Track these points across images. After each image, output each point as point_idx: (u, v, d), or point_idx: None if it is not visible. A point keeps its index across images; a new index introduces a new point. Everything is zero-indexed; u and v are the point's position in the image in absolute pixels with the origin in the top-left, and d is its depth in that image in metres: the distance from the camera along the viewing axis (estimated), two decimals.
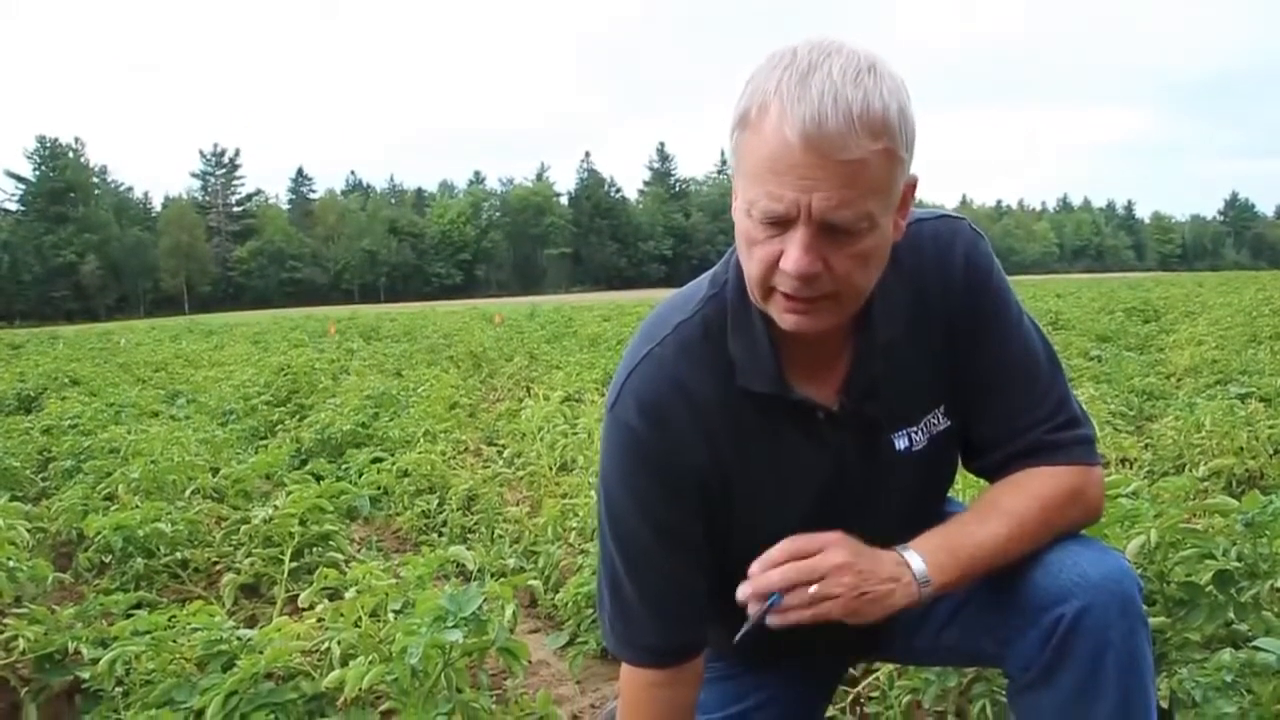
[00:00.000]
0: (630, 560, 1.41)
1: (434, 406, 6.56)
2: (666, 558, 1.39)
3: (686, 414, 1.34)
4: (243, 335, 19.69)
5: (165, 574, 3.39)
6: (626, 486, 1.38)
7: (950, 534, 1.32)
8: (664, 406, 1.34)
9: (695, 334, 1.37)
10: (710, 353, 1.36)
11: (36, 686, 2.43)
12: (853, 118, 1.11)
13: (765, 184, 1.16)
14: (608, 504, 1.41)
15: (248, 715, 2.00)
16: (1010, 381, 1.39)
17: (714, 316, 1.37)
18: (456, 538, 3.96)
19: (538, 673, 2.79)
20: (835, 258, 1.18)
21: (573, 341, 13.34)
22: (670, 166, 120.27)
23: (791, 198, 1.15)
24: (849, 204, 1.15)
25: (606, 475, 1.41)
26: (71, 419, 6.14)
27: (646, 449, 1.35)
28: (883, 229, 1.21)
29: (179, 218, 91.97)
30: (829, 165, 1.13)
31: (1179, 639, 1.94)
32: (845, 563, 1.27)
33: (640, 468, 1.36)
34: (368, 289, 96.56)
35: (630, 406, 1.36)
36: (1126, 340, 10.37)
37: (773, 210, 1.16)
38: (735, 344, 1.35)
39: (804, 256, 1.17)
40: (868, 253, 1.20)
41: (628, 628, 1.46)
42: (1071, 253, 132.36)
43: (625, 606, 1.44)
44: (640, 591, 1.42)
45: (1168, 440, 4.49)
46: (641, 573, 1.41)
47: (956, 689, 2.18)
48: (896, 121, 1.15)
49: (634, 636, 1.46)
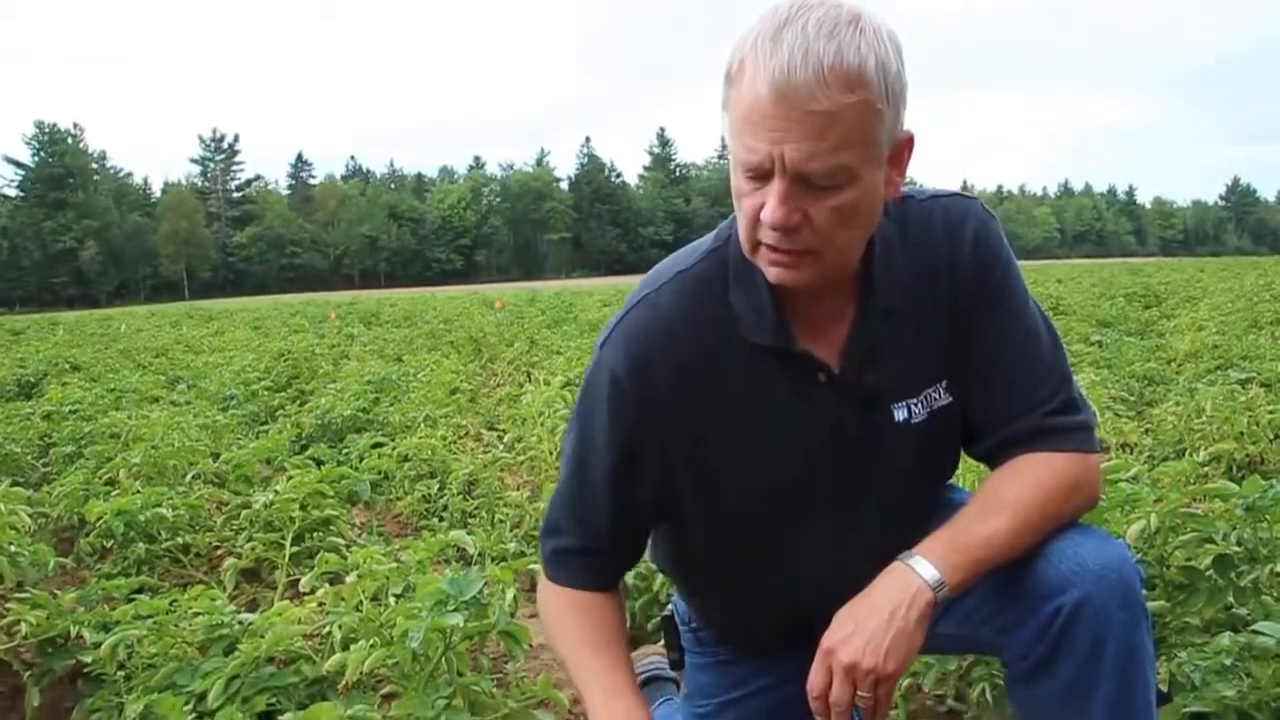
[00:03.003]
0: (575, 481, 1.46)
1: (434, 391, 6.56)
2: (607, 495, 1.42)
3: (672, 365, 1.35)
4: (243, 321, 19.68)
5: (166, 559, 3.39)
6: (596, 420, 1.40)
7: (958, 533, 1.31)
8: (649, 355, 1.35)
9: (695, 284, 1.38)
10: (709, 304, 1.36)
11: (39, 670, 2.44)
12: (823, 69, 1.13)
13: (743, 137, 1.19)
14: (574, 427, 1.45)
15: (250, 699, 2.00)
16: (1013, 361, 1.39)
17: (716, 269, 1.38)
18: (457, 522, 3.96)
19: (539, 656, 2.80)
20: (815, 210, 1.20)
21: (573, 327, 13.33)
22: (671, 151, 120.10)
23: (765, 150, 1.17)
24: (820, 156, 1.16)
25: (581, 403, 1.44)
26: (72, 404, 6.14)
27: (625, 393, 1.36)
28: (866, 183, 1.21)
29: (178, 203, 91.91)
30: (798, 117, 1.14)
31: (1179, 623, 1.95)
32: (853, 662, 1.25)
33: (616, 407, 1.37)
34: (368, 274, 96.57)
35: (618, 348, 1.37)
36: (1127, 325, 10.36)
37: (749, 162, 1.19)
38: (738, 297, 1.35)
39: (780, 208, 1.19)
40: (849, 207, 1.21)
41: (548, 537, 1.51)
42: (1072, 238, 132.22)
43: (557, 518, 1.49)
44: (573, 511, 1.47)
45: (1168, 425, 4.49)
46: (581, 495, 1.45)
47: (956, 673, 2.19)
48: (874, 74, 1.15)
49: (552, 546, 1.50)
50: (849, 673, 1.25)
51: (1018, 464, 1.36)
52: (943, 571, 1.27)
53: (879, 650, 1.24)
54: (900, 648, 1.25)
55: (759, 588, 1.49)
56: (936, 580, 1.26)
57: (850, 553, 1.41)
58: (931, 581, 1.26)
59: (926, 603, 1.26)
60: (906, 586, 1.27)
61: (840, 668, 1.26)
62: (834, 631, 1.29)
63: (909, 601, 1.25)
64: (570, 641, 1.48)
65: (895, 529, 1.43)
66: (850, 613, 1.29)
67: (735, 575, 1.50)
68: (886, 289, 1.35)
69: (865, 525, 1.43)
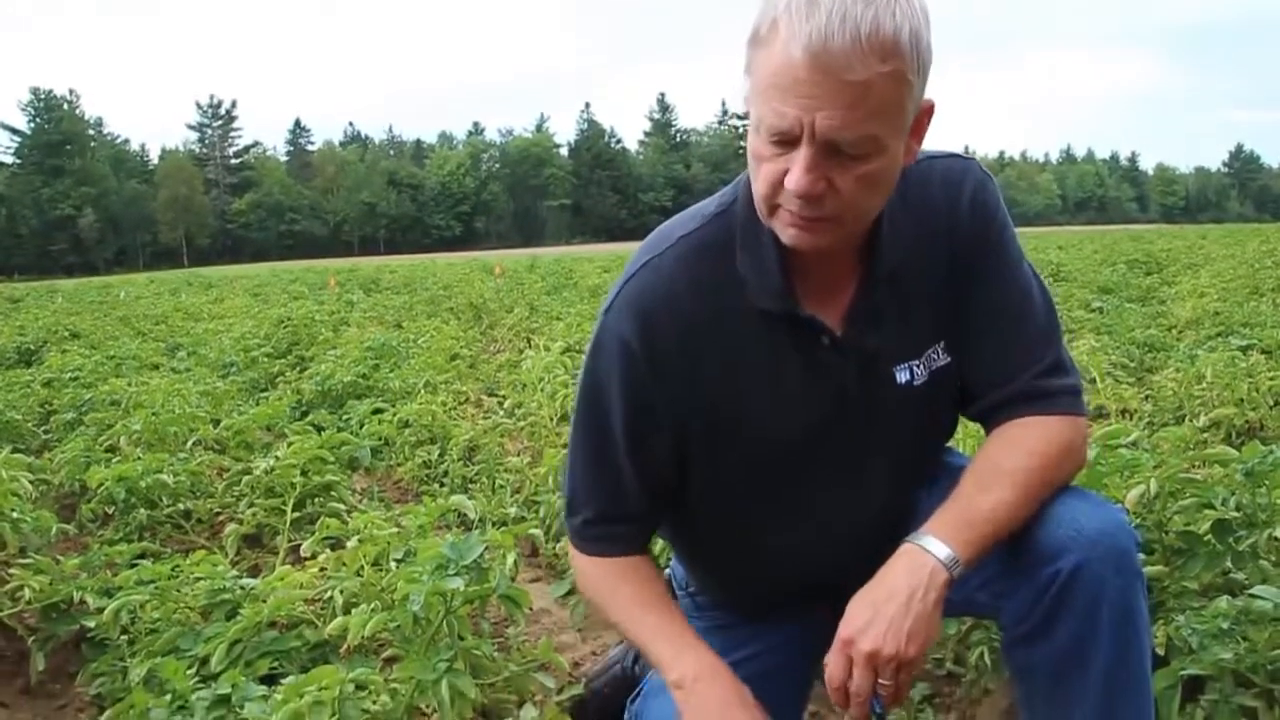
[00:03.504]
0: (595, 450, 1.45)
1: (434, 358, 6.55)
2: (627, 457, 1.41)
3: (678, 329, 1.35)
4: (242, 288, 19.64)
5: (168, 525, 3.41)
6: (609, 388, 1.39)
7: (963, 509, 1.30)
8: (656, 319, 1.35)
9: (698, 248, 1.37)
10: (712, 269, 1.35)
11: (43, 635, 2.46)
12: (860, 37, 1.10)
13: (771, 101, 1.16)
14: (584, 396, 1.44)
15: (252, 663, 2.02)
16: (1006, 322, 1.39)
17: (720, 234, 1.37)
18: (457, 488, 3.97)
19: (539, 621, 2.82)
20: (840, 178, 1.18)
21: (573, 293, 13.31)
22: (671, 117, 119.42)
23: (795, 115, 1.14)
24: (853, 125, 1.14)
25: (593, 371, 1.42)
26: (72, 372, 6.13)
27: (633, 359, 1.36)
28: (890, 152, 1.20)
29: (176, 170, 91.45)
30: (833, 85, 1.12)
31: (1177, 587, 1.95)
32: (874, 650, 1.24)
33: (625, 374, 1.37)
34: (367, 241, 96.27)
35: (623, 313, 1.37)
36: (1128, 292, 10.34)
37: (777, 127, 1.16)
38: (744, 261, 1.35)
39: (806, 176, 1.17)
40: (873, 175, 1.20)
41: (574, 512, 1.51)
42: (1074, 205, 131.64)
43: (579, 491, 1.49)
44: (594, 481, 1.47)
45: (1168, 392, 4.49)
46: (600, 464, 1.44)
47: (955, 637, 2.20)
48: (908, 44, 1.13)
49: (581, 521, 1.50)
50: (870, 660, 1.24)
51: (1012, 431, 1.37)
52: (956, 549, 1.26)
53: (900, 636, 1.23)
54: (921, 631, 1.24)
55: (762, 550, 1.50)
56: (951, 558, 1.26)
57: (852, 515, 1.42)
58: (946, 560, 1.26)
59: (943, 583, 1.26)
60: (921, 567, 1.26)
61: (861, 657, 1.24)
62: (851, 620, 1.27)
63: (926, 583, 1.25)
64: (620, 604, 1.49)
65: (897, 490, 1.44)
66: (867, 600, 1.27)
67: (738, 538, 1.51)
68: (891, 253, 1.35)
69: (868, 487, 1.43)
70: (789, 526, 1.46)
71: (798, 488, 1.43)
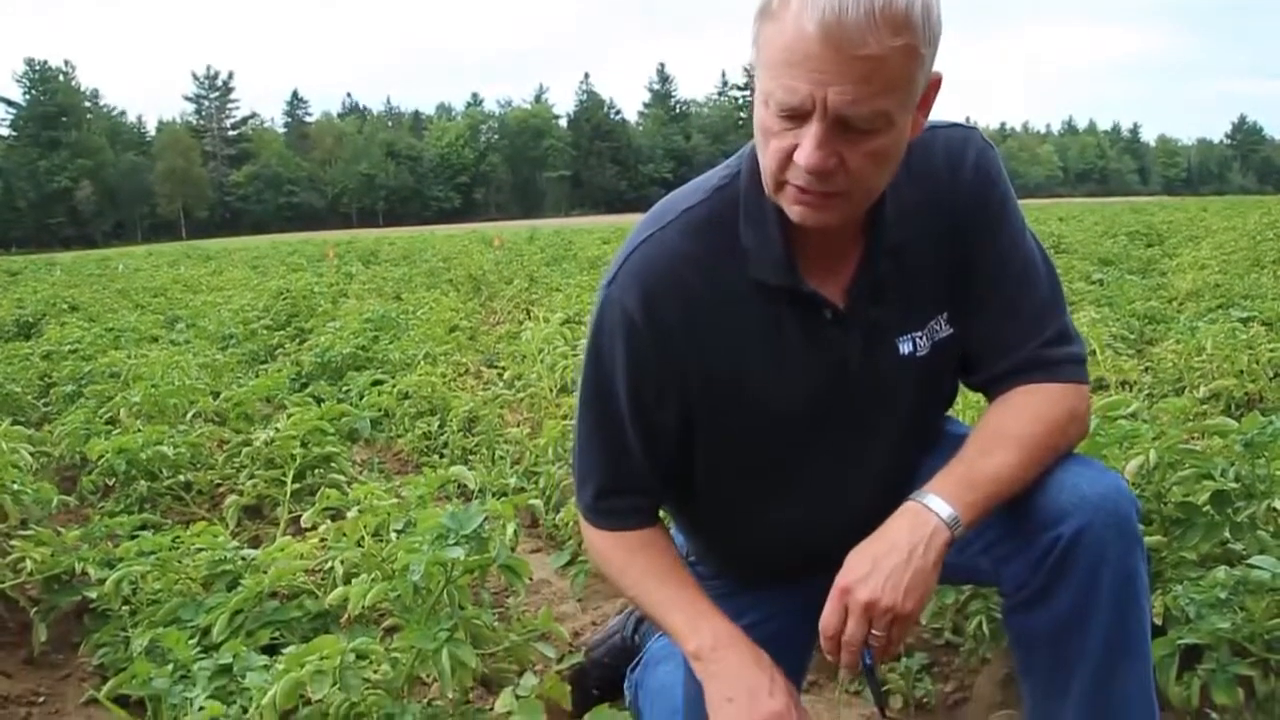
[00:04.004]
0: (603, 427, 1.44)
1: (434, 329, 6.55)
2: (635, 432, 1.41)
3: (681, 302, 1.34)
4: (241, 260, 19.59)
5: (169, 496, 3.41)
6: (614, 362, 1.38)
7: (966, 469, 1.30)
8: (659, 292, 1.34)
9: (701, 221, 1.36)
10: (716, 242, 1.35)
11: (45, 606, 2.47)
12: (873, 11, 1.09)
13: (781, 76, 1.14)
14: (589, 372, 1.43)
15: (253, 633, 2.03)
16: (1009, 292, 1.38)
17: (723, 207, 1.36)
18: (457, 459, 3.98)
19: (539, 591, 2.83)
20: (850, 154, 1.17)
21: (573, 264, 13.29)
22: (671, 88, 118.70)
23: (806, 91, 1.13)
24: (865, 100, 1.13)
25: (597, 345, 1.41)
26: (71, 344, 6.13)
27: (637, 332, 1.35)
28: (900, 127, 1.19)
29: (174, 142, 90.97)
30: (846, 60, 1.10)
31: (1175, 558, 1.96)
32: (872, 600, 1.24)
33: (630, 347, 1.36)
34: (366, 213, 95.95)
35: (626, 287, 1.36)
36: (1129, 264, 10.32)
37: (787, 103, 1.15)
38: (747, 235, 1.34)
39: (817, 151, 1.15)
40: (883, 151, 1.19)
41: (584, 488, 1.51)
42: (1075, 176, 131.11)
43: (587, 467, 1.49)
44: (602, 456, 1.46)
45: (1168, 363, 4.49)
46: (609, 439, 1.44)
47: (953, 606, 2.21)
48: (920, 17, 1.12)
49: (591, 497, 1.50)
50: (867, 611, 1.24)
51: (1016, 397, 1.36)
52: (958, 509, 1.26)
53: (898, 589, 1.24)
54: (919, 586, 1.25)
55: (763, 520, 1.50)
56: (952, 518, 1.26)
57: (854, 485, 1.42)
58: (948, 519, 1.26)
59: (944, 541, 1.26)
60: (924, 525, 1.26)
61: (858, 606, 1.25)
62: (850, 570, 1.27)
63: (927, 540, 1.25)
64: (633, 577, 1.49)
65: (898, 461, 1.44)
66: (867, 551, 1.28)
67: (740, 507, 1.51)
68: (895, 227, 1.34)
69: (869, 458, 1.43)
70: (791, 497, 1.46)
71: (800, 459, 1.43)
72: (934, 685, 2.20)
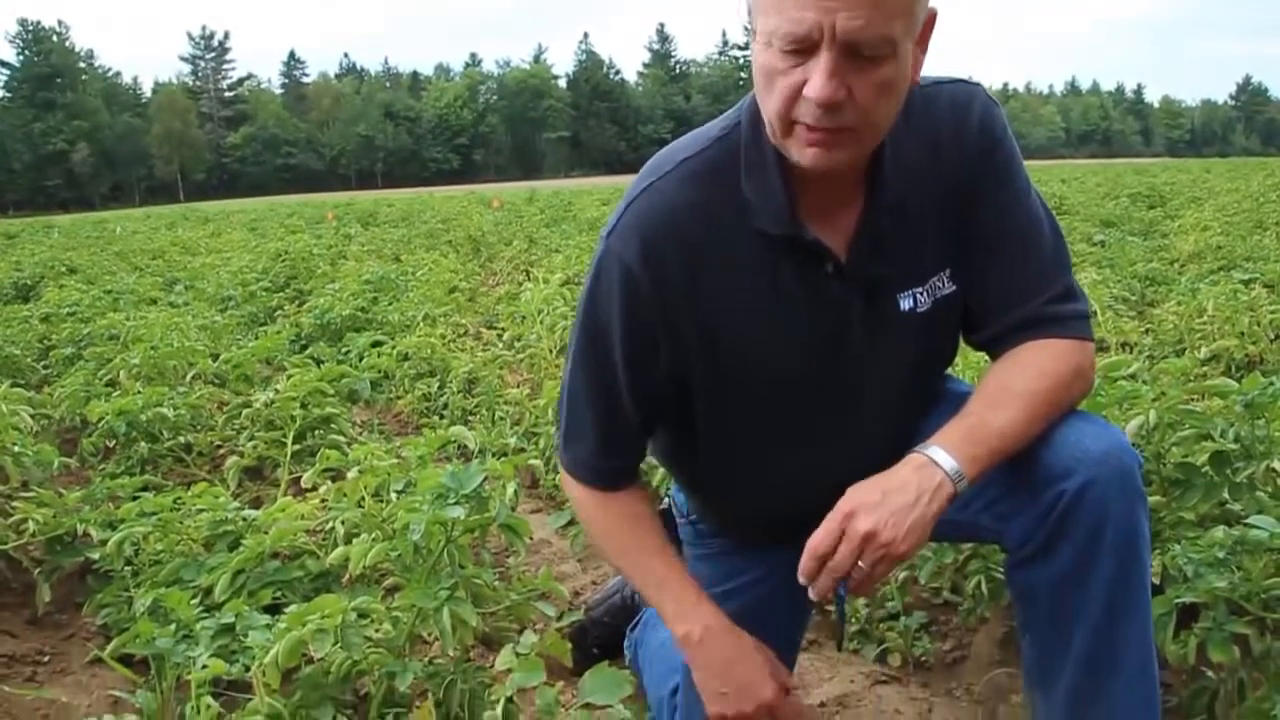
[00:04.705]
0: (593, 381, 1.44)
1: (433, 290, 6.53)
2: (626, 387, 1.41)
3: (680, 253, 1.33)
4: (239, 222, 19.50)
5: (170, 458, 3.42)
6: (610, 313, 1.38)
7: (971, 424, 1.30)
8: (658, 242, 1.33)
9: (702, 171, 1.35)
10: (716, 192, 1.34)
11: (48, 567, 2.48)
12: None
13: (786, 8, 1.14)
14: (584, 323, 1.42)
15: (255, 593, 2.03)
16: (1013, 248, 1.38)
17: (724, 156, 1.35)
18: (457, 420, 3.98)
19: (539, 551, 2.84)
20: (858, 85, 1.16)
21: (572, 225, 13.22)
22: (670, 48, 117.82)
23: (813, 19, 1.12)
24: (874, 24, 1.12)
25: (593, 295, 1.40)
26: (70, 306, 6.11)
27: (636, 283, 1.34)
28: (903, 58, 1.18)
29: (170, 103, 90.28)
30: None
31: (1173, 518, 1.96)
32: (872, 530, 1.23)
33: (627, 298, 1.35)
34: (364, 174, 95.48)
35: (625, 238, 1.35)
36: (1131, 226, 10.27)
37: (794, 34, 1.14)
38: (748, 184, 1.33)
39: (829, 82, 1.15)
40: (889, 82, 1.18)
41: (570, 443, 1.51)
42: (1078, 138, 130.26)
43: (575, 421, 1.49)
44: (592, 410, 1.46)
45: (1169, 325, 4.48)
46: (598, 394, 1.44)
47: (952, 565, 2.22)
48: None
49: (577, 453, 1.51)
50: (864, 540, 1.23)
51: (1022, 354, 1.36)
52: (962, 464, 1.26)
53: (899, 527, 1.23)
54: (918, 531, 1.24)
55: (762, 477, 1.50)
56: (956, 472, 1.26)
57: (853, 442, 1.42)
58: (952, 474, 1.26)
59: (948, 495, 1.26)
60: (931, 476, 1.26)
61: (856, 534, 1.23)
62: (856, 497, 1.26)
63: (933, 491, 1.25)
64: (620, 547, 1.53)
65: (898, 418, 1.44)
66: (876, 484, 1.26)
67: (739, 465, 1.51)
68: (896, 179, 1.33)
69: (869, 414, 1.43)
70: (790, 453, 1.46)
71: (798, 414, 1.43)
72: (933, 644, 2.22)
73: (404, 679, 1.64)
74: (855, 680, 2.09)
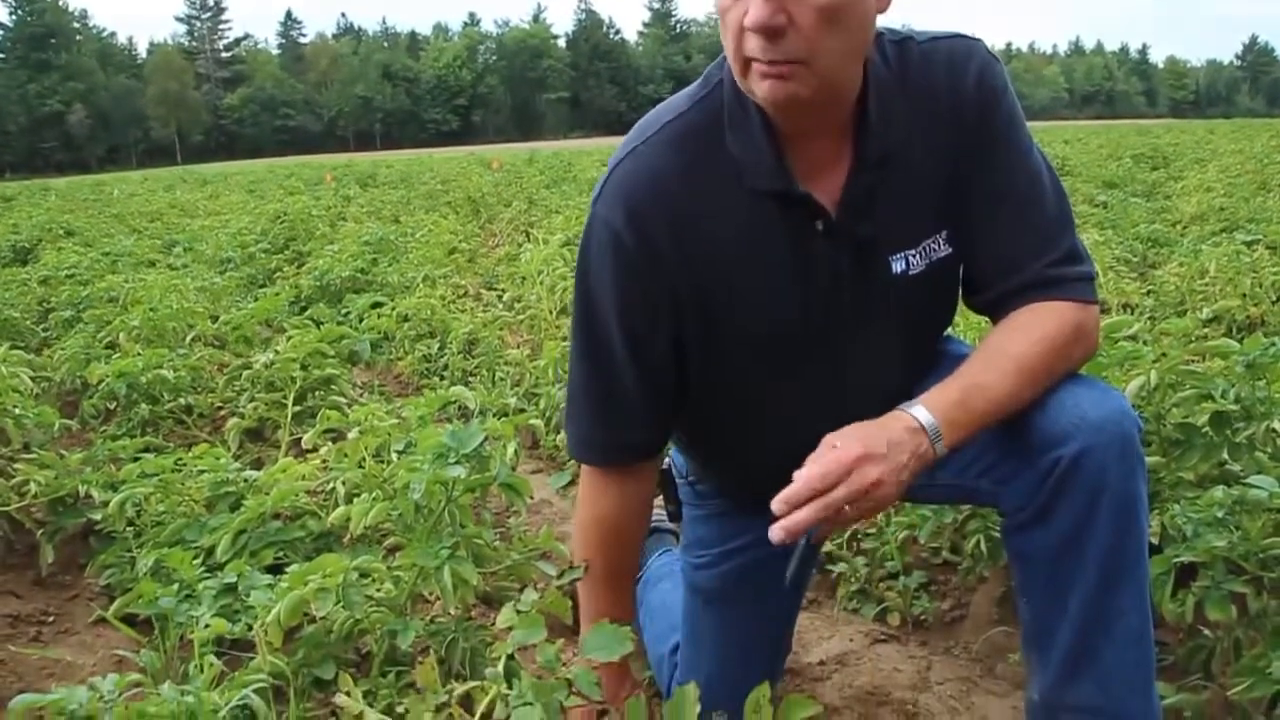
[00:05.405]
0: (591, 354, 1.43)
1: (433, 252, 6.52)
2: (625, 359, 1.39)
3: (667, 216, 1.32)
4: (237, 184, 19.40)
5: (170, 420, 3.42)
6: (602, 280, 1.37)
7: (963, 388, 1.28)
8: (644, 207, 1.32)
9: (685, 132, 1.33)
10: (701, 152, 1.32)
11: (51, 528, 2.48)
12: None
13: None
14: (579, 292, 1.42)
15: (257, 553, 2.04)
16: (1015, 208, 1.35)
17: (707, 115, 1.33)
18: (458, 380, 3.98)
19: (540, 511, 2.85)
20: (799, 11, 1.15)
21: (572, 186, 13.17)
22: (670, 7, 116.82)
23: None
24: None
25: (584, 269, 1.40)
26: (68, 269, 6.09)
27: (624, 248, 1.33)
28: None
29: (166, 64, 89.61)
30: None
31: (1173, 478, 1.96)
32: (878, 480, 1.20)
33: (618, 264, 1.35)
34: (363, 136, 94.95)
35: (612, 203, 1.34)
36: (1133, 187, 10.22)
37: None
38: (733, 141, 1.31)
39: (764, 6, 1.14)
40: (832, 8, 1.16)
41: (575, 422, 1.50)
42: (1081, 98, 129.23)
43: (578, 399, 1.48)
44: (595, 384, 1.45)
45: (1170, 286, 4.47)
46: (599, 365, 1.43)
47: (951, 526, 2.23)
48: None
49: (582, 432, 1.50)
50: (867, 489, 1.20)
51: (1022, 317, 1.34)
52: (944, 430, 1.24)
53: (898, 485, 1.22)
54: (900, 493, 1.24)
55: (759, 440, 1.49)
56: (936, 435, 1.24)
57: (849, 404, 1.40)
58: (934, 439, 1.24)
59: (927, 462, 1.24)
60: (919, 442, 1.23)
61: (864, 479, 1.19)
62: (867, 442, 1.22)
63: (919, 456, 1.23)
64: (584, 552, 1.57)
65: (893, 380, 1.43)
66: (880, 436, 1.23)
67: (734, 426, 1.50)
68: (883, 134, 1.31)
69: (863, 377, 1.42)
70: (784, 415, 1.45)
71: (792, 376, 1.42)
72: (931, 603, 2.23)
73: (406, 637, 1.65)
74: (854, 639, 2.11)
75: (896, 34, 1.37)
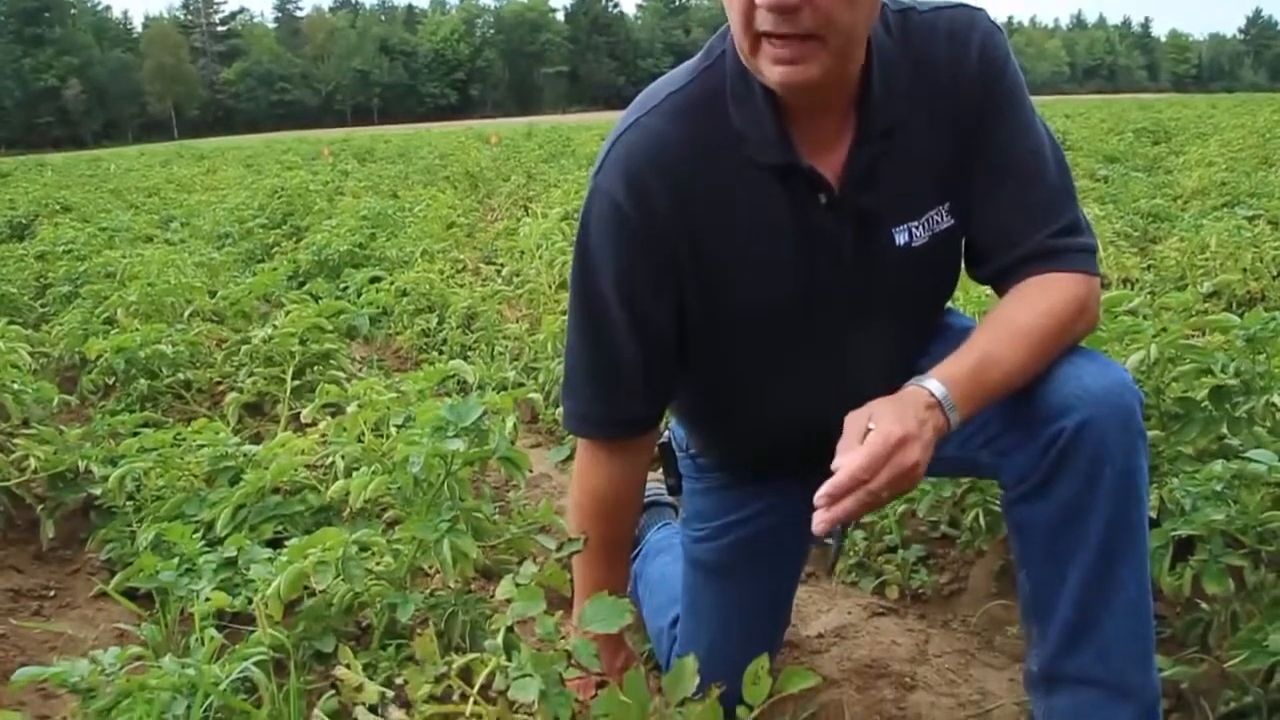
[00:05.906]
0: (590, 326, 1.42)
1: (431, 226, 6.50)
2: (625, 332, 1.39)
3: (669, 189, 1.31)
4: (235, 159, 19.33)
5: (169, 395, 3.42)
6: (603, 254, 1.36)
7: (976, 361, 1.26)
8: (646, 179, 1.31)
9: (688, 104, 1.32)
10: (704, 124, 1.31)
11: (52, 504, 2.49)
12: None
13: None
14: (581, 268, 1.40)
15: (256, 527, 2.04)
16: (1016, 181, 1.34)
17: (710, 88, 1.32)
18: (456, 355, 3.98)
19: (539, 485, 2.85)
20: None
21: (570, 160, 13.12)
22: None
23: None
24: None
25: (584, 242, 1.39)
26: (66, 245, 6.06)
27: (626, 221, 1.32)
28: None
29: (161, 38, 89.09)
30: None
31: (1172, 452, 1.97)
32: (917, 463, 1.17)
33: (619, 237, 1.34)
34: (360, 110, 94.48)
35: (613, 175, 1.33)
36: (1135, 161, 10.17)
37: None
38: (736, 114, 1.30)
39: None
40: None
41: (573, 397, 1.50)
42: (1083, 72, 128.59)
43: (576, 374, 1.48)
44: (594, 359, 1.44)
45: (1171, 261, 4.46)
46: (598, 340, 1.42)
47: (951, 499, 2.23)
48: None
49: (579, 406, 1.49)
50: (908, 472, 1.17)
51: (1027, 289, 1.33)
52: (959, 404, 1.22)
53: (925, 465, 1.19)
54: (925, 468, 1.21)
55: (760, 411, 1.49)
56: (951, 410, 1.22)
57: (852, 376, 1.40)
58: (950, 414, 1.22)
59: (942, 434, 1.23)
60: (939, 417, 1.22)
61: (905, 462, 1.16)
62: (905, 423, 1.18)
63: (938, 431, 1.21)
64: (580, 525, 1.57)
65: (896, 352, 1.43)
66: (911, 414, 1.20)
67: (736, 399, 1.50)
68: (886, 107, 1.30)
69: (866, 349, 1.41)
70: (787, 387, 1.45)
71: (795, 349, 1.41)
72: (930, 576, 2.24)
73: (405, 610, 1.65)
74: (853, 612, 2.11)
75: (899, 3, 1.35)
